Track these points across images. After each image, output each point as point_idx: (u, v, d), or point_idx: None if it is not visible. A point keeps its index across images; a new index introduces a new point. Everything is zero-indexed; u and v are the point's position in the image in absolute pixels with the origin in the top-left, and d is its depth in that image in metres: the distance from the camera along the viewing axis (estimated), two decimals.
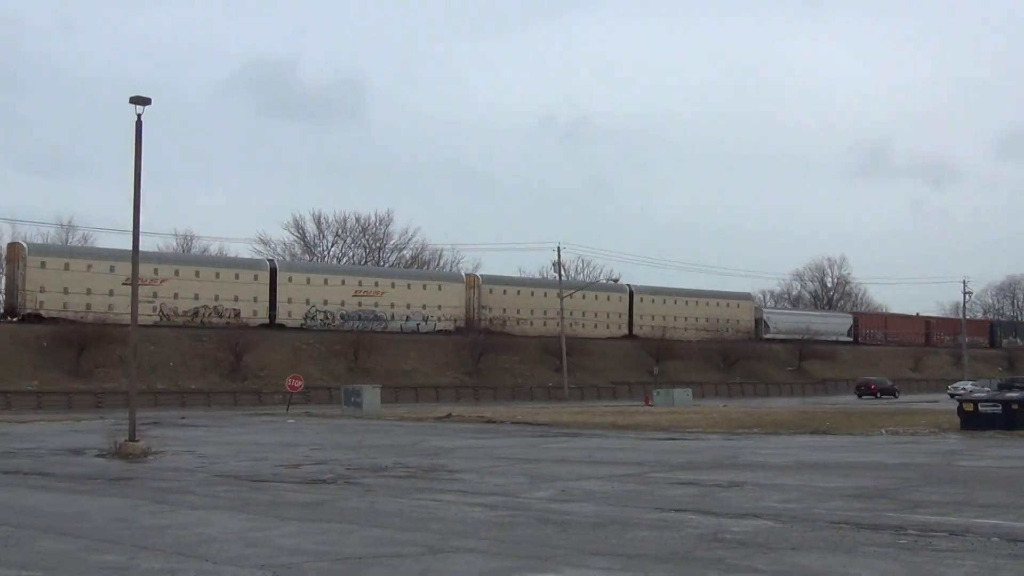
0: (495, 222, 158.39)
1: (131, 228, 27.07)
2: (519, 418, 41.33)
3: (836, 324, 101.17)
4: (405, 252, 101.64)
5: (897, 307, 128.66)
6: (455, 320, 76.98)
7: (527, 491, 16.67)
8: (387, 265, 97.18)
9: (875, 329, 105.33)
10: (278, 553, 11.13)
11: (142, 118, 26.50)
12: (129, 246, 28.37)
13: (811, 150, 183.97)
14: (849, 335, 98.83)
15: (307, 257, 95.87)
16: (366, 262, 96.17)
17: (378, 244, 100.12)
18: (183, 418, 45.92)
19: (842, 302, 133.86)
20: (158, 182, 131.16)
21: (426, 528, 12.77)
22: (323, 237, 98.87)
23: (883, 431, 30.76)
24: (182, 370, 64.18)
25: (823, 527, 12.39)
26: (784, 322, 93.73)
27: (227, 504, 15.58)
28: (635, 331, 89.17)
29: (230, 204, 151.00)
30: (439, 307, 76.82)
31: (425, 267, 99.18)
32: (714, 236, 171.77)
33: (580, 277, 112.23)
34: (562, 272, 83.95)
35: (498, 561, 10.55)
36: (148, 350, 62.35)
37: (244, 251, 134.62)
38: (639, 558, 10.59)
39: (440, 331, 75.97)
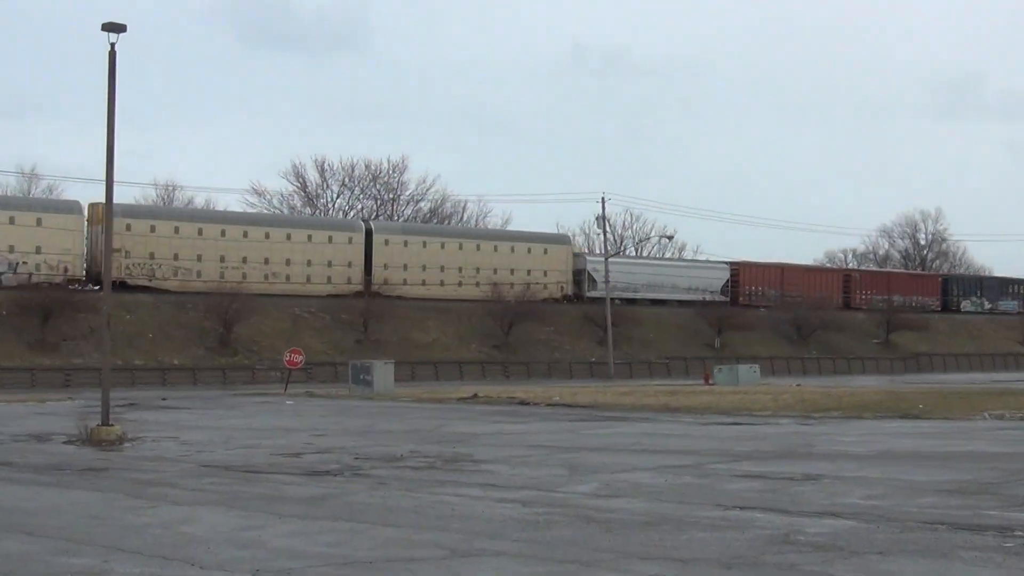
0: (523, 170, 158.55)
1: (103, 177, 27.22)
2: (556, 399, 41.64)
3: (702, 278, 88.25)
4: (423, 204, 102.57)
5: (1001, 268, 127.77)
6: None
7: (565, 485, 16.76)
8: (399, 220, 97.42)
9: (762, 287, 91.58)
10: (275, 556, 11.24)
11: (116, 48, 26.58)
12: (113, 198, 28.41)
13: (896, 87, 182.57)
14: (724, 293, 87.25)
15: (308, 210, 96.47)
16: (378, 215, 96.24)
17: (391, 195, 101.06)
18: (164, 399, 46.25)
19: (937, 262, 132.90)
20: (134, 125, 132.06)
21: (447, 528, 12.87)
22: (327, 187, 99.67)
23: (986, 415, 30.74)
24: (163, 343, 64.78)
25: (914, 528, 12.41)
26: (614, 274, 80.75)
27: (215, 499, 15.75)
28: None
29: (218, 150, 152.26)
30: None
31: (447, 221, 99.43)
32: (782, 187, 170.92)
33: (628, 234, 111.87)
34: (606, 228, 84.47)
35: (532, 566, 10.63)
36: (123, 319, 63.10)
37: (234, 203, 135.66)
38: (696, 563, 10.64)
39: (466, 299, 76.51)
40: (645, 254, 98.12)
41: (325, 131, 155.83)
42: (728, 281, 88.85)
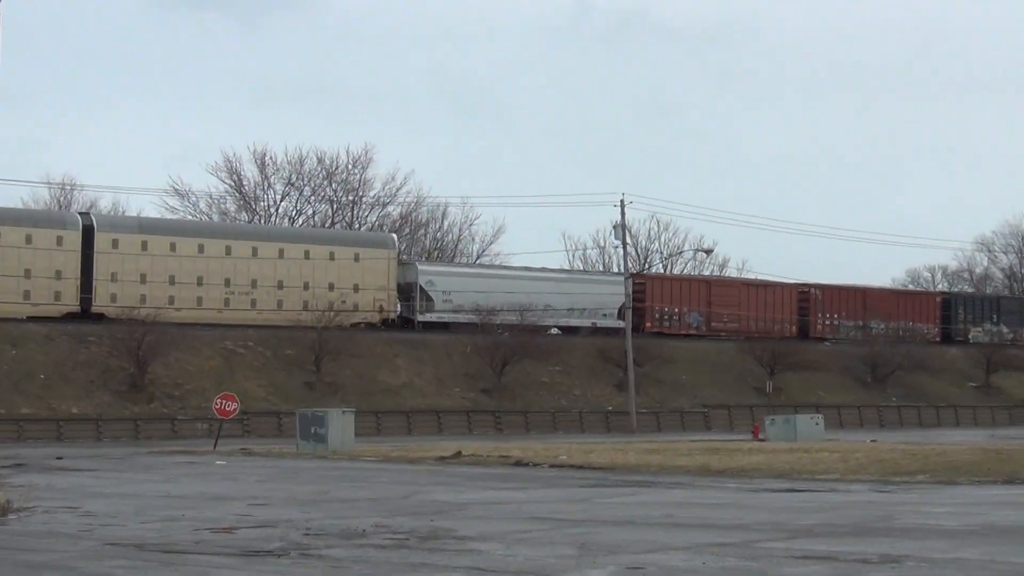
0: (518, 166, 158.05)
1: None
2: (563, 459, 41.79)
3: (596, 297, 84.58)
4: (391, 208, 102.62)
5: None
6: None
7: (575, 569, 16.63)
8: (363, 228, 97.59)
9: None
10: None
11: None
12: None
13: (1000, 58, 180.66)
14: (620, 317, 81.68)
15: (245, 216, 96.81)
16: (333, 224, 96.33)
17: (351, 197, 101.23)
18: (60, 457, 46.35)
19: None
20: (18, 108, 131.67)
21: None
22: (268, 186, 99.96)
23: None
24: (59, 385, 65.01)
25: None
26: (454, 288, 78.90)
27: None
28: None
29: (128, 138, 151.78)
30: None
31: (423, 231, 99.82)
32: (846, 186, 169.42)
33: (654, 246, 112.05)
34: (627, 239, 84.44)
35: None
36: (5, 356, 63.85)
37: (150, 207, 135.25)
38: None
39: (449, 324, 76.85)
40: (678, 271, 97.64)
41: (265, 115, 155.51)
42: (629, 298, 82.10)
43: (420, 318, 78.29)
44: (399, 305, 78.16)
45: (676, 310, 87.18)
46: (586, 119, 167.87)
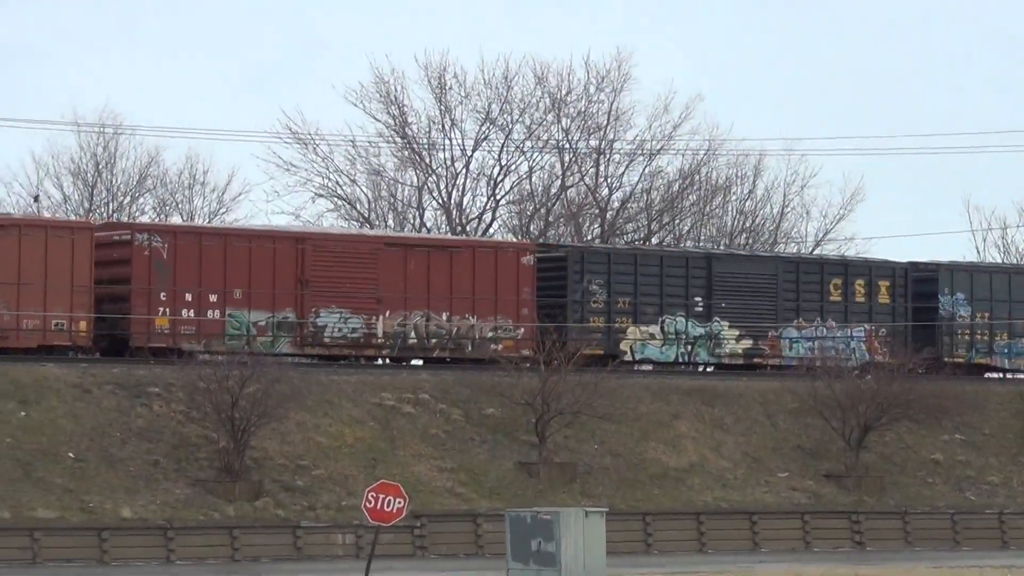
0: (879, 88, 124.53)
1: None
2: None
3: None
4: (661, 159, 79.09)
5: None
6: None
7: None
8: (616, 192, 76.70)
9: None
10: None
11: None
12: None
13: None
14: None
15: (413, 176, 75.96)
16: (564, 188, 76.49)
17: (595, 140, 79.45)
18: None
19: None
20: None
21: None
22: (452, 124, 76.42)
23: None
24: (99, 470, 50.19)
25: None
26: None
27: None
28: None
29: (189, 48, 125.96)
30: None
31: (721, 198, 78.52)
32: None
33: None
34: None
35: None
36: (14, 420, 50.50)
37: (249, 163, 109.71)
38: None
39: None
40: None
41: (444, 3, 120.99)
42: None
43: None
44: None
45: None
46: None
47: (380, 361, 58.10)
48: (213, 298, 53.94)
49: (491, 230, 77.27)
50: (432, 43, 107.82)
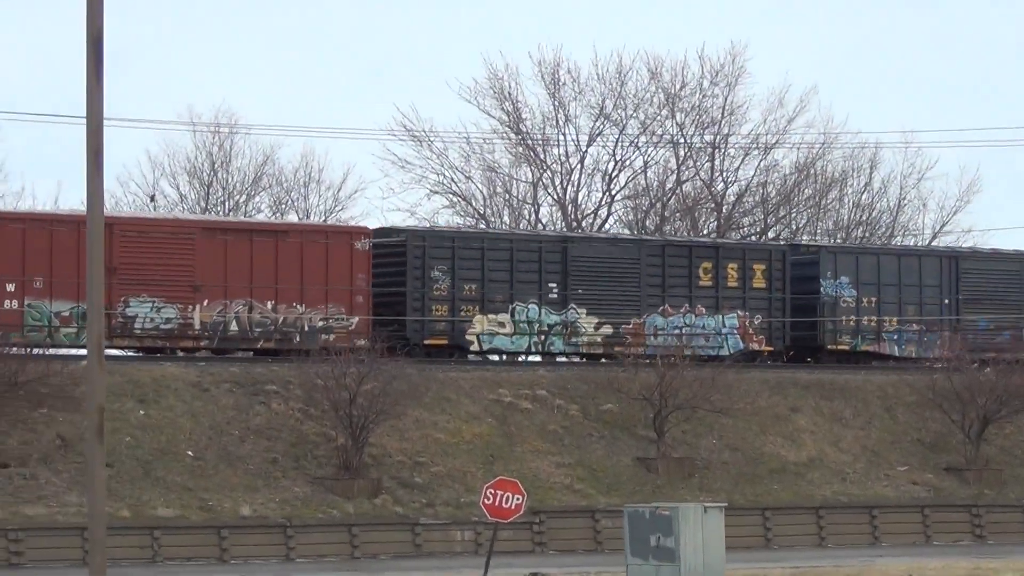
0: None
1: None
2: None
3: None
4: (777, 156, 79.44)
5: None
6: None
7: None
8: (732, 186, 76.63)
9: None
10: None
11: None
12: None
13: None
14: None
15: (527, 172, 75.48)
16: (680, 183, 76.85)
17: (711, 135, 79.81)
18: None
19: None
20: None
21: None
22: (566, 120, 76.96)
23: None
24: (219, 468, 50.94)
25: None
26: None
27: None
28: None
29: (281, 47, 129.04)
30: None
31: (836, 192, 76.54)
32: None
33: None
34: None
35: None
36: (133, 418, 51.11)
37: (365, 158, 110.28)
38: None
39: None
40: None
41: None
42: None
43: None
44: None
45: None
46: None
47: (199, 353, 55.08)
48: (10, 287, 51.11)
49: (607, 225, 77.45)
50: (545, 39, 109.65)
